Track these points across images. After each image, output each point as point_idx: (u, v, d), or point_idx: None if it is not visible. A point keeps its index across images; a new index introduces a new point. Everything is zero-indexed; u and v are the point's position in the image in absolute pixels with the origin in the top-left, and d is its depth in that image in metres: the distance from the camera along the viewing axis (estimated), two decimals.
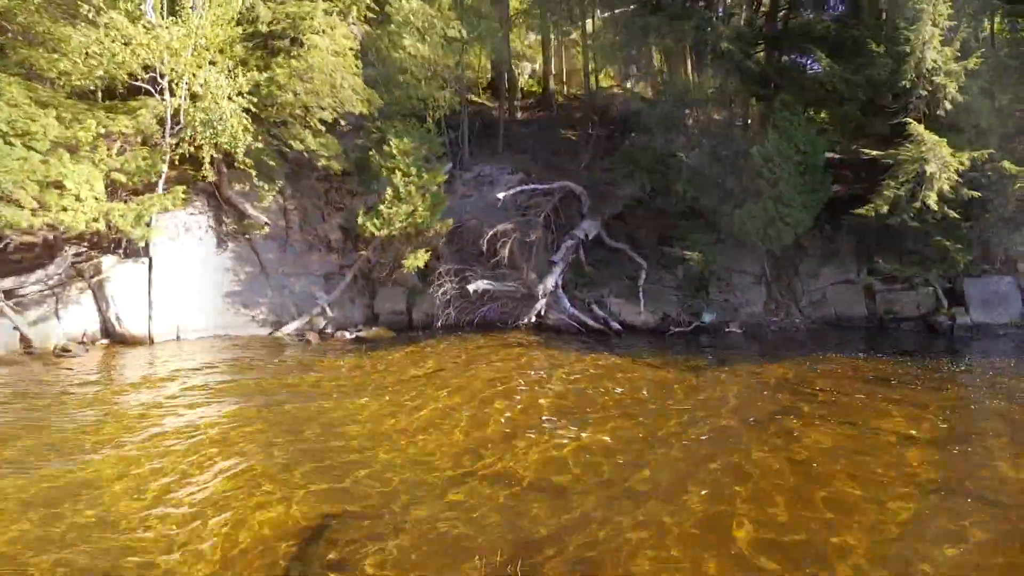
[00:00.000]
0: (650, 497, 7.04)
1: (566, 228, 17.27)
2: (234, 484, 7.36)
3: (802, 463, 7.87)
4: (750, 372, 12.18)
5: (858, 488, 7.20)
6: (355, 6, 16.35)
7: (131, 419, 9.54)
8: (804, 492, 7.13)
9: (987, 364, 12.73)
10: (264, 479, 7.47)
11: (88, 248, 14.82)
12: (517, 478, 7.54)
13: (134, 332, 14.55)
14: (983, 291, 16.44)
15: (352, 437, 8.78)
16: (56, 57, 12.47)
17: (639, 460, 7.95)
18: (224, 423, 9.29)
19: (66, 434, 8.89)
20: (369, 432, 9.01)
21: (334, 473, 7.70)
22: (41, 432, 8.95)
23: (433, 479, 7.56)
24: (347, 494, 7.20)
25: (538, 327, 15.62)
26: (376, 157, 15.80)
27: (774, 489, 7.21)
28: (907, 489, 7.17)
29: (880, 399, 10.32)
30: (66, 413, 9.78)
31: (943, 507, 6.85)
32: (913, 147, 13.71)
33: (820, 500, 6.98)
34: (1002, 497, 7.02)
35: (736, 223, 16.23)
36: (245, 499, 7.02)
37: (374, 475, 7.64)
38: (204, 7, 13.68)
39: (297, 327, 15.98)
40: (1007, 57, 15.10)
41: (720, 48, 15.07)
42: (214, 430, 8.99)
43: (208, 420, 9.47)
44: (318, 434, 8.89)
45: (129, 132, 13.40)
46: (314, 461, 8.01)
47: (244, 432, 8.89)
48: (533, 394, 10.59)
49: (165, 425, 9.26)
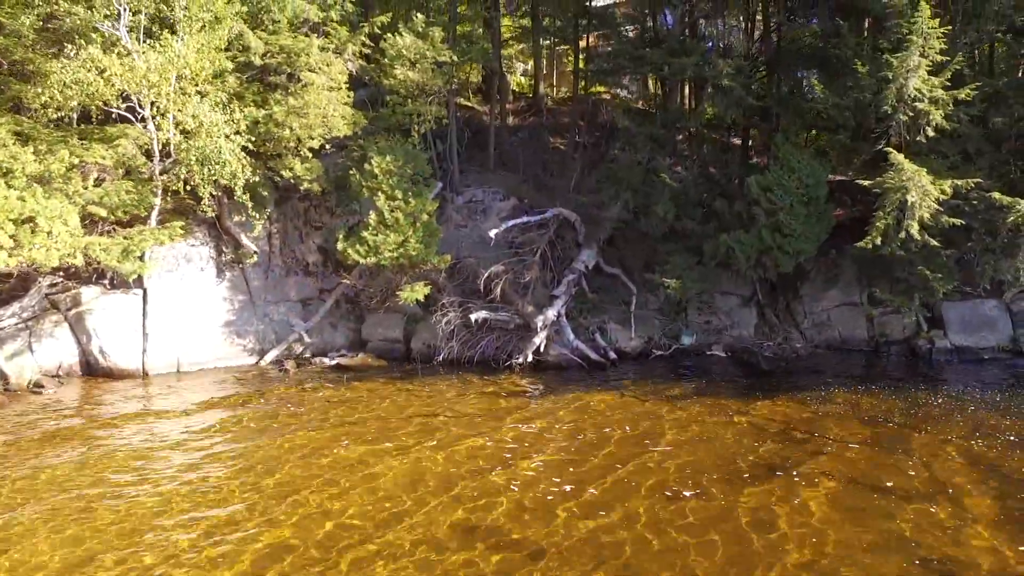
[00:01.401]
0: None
1: (563, 259, 17.06)
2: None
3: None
4: (740, 411, 12.15)
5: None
6: (350, 44, 15.99)
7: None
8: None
9: (970, 398, 12.82)
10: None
11: (64, 279, 14.41)
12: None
13: (123, 365, 14.23)
14: (963, 314, 16.54)
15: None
16: (40, 91, 12.06)
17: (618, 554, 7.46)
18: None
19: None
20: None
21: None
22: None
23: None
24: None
25: (536, 365, 15.16)
26: (357, 176, 15.44)
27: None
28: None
29: (876, 444, 10.39)
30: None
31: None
32: (895, 175, 13.67)
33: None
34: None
35: (721, 247, 16.15)
36: None
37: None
38: (186, 33, 13.18)
39: (276, 355, 15.77)
40: (1005, 87, 15.04)
41: (721, 84, 14.88)
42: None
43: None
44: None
45: (107, 163, 12.94)
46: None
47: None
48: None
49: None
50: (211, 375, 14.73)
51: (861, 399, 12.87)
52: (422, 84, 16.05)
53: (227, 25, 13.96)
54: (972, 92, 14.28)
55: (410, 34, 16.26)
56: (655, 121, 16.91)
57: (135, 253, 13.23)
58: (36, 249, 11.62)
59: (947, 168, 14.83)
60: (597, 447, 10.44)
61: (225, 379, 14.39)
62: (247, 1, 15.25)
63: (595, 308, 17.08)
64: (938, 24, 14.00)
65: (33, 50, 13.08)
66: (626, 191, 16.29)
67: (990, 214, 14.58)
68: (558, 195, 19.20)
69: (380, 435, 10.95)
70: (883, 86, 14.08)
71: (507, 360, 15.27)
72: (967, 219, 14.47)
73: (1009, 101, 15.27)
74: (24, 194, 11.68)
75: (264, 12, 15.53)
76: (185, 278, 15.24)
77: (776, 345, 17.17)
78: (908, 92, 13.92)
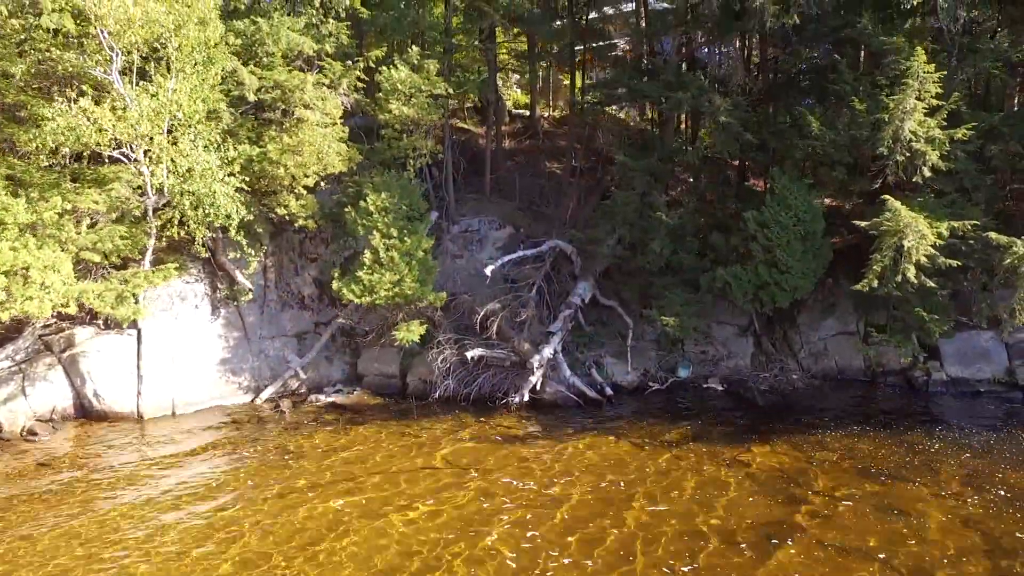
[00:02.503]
0: None
1: (559, 293, 17.01)
2: None
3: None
4: (734, 460, 12.15)
5: None
6: (344, 78, 15.88)
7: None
8: None
9: (964, 441, 12.83)
10: None
11: (58, 319, 14.33)
12: None
13: (118, 409, 14.16)
14: (960, 346, 16.56)
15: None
16: (34, 134, 11.94)
17: None
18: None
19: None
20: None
21: None
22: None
23: None
24: None
25: (533, 404, 15.09)
26: (352, 213, 15.36)
27: None
28: None
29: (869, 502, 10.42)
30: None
31: None
32: (892, 216, 13.65)
33: None
34: None
35: (718, 280, 16.13)
36: None
37: None
38: (179, 73, 13.06)
39: (272, 393, 15.73)
40: (1001, 123, 15.02)
41: (719, 121, 14.82)
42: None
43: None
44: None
45: (100, 208, 12.85)
46: None
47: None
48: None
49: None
50: (206, 416, 14.66)
51: (856, 443, 12.88)
52: (417, 119, 15.95)
53: (220, 64, 13.84)
54: (968, 132, 14.26)
55: (405, 67, 16.15)
56: (652, 153, 16.84)
57: (130, 299, 13.14)
58: (29, 301, 11.52)
59: (944, 206, 14.81)
60: (595, 511, 10.35)
61: (220, 422, 14.32)
62: (240, 34, 15.16)
63: (591, 341, 17.05)
64: (934, 69, 13.95)
65: (26, 92, 12.94)
66: (622, 226, 16.23)
67: (987, 253, 14.57)
68: (554, 222, 19.13)
69: (376, 499, 10.72)
70: (880, 127, 14.04)
71: (503, 398, 15.24)
72: (964, 258, 14.46)
73: (1005, 137, 15.25)
74: (16, 244, 11.60)
75: (258, 45, 15.42)
76: (180, 317, 15.17)
77: (772, 377, 17.16)
78: (904, 135, 13.89)
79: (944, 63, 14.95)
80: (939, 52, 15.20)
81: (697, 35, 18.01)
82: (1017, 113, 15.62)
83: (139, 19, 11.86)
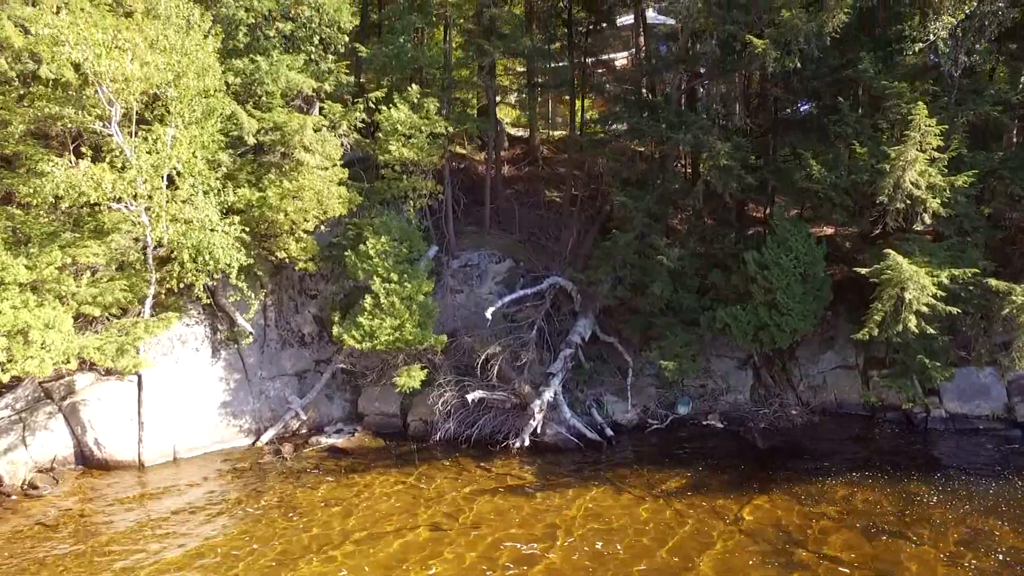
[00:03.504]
0: None
1: (559, 331, 17.02)
2: None
3: None
4: (736, 516, 12.19)
5: None
6: (345, 120, 15.80)
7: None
8: None
9: (964, 491, 12.88)
10: None
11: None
12: None
13: (119, 457, 14.16)
14: (959, 383, 16.54)
15: None
16: (35, 186, 11.87)
17: None
18: None
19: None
20: None
21: None
22: None
23: None
24: None
25: (534, 447, 15.07)
26: (352, 257, 15.34)
27: None
28: None
29: (864, 568, 10.49)
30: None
31: None
32: (893, 267, 13.67)
33: None
34: None
35: (718, 321, 16.15)
36: None
37: None
38: (177, 122, 12.99)
39: (273, 435, 15.74)
40: (1000, 165, 15.04)
41: (720, 164, 14.81)
42: None
43: None
44: None
45: (100, 261, 12.82)
46: None
47: None
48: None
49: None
50: (208, 463, 14.67)
51: (855, 494, 12.93)
52: (417, 160, 15.92)
53: (219, 114, 13.78)
54: (970, 178, 14.29)
55: (405, 106, 16.08)
56: (652, 190, 16.81)
57: (131, 351, 13.12)
58: (30, 360, 11.51)
59: (943, 249, 14.85)
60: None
61: (221, 470, 14.32)
62: (240, 73, 15.08)
63: (591, 379, 17.08)
64: (935, 116, 13.95)
65: (25, 142, 12.86)
66: (622, 268, 16.24)
67: (986, 299, 14.63)
68: (555, 256, 19.12)
69: (378, 563, 10.78)
70: (881, 176, 14.05)
71: (503, 441, 15.28)
72: (963, 304, 14.51)
73: (1006, 180, 15.28)
74: (16, 303, 11.57)
75: (257, 84, 15.34)
76: (180, 360, 15.16)
77: (772, 414, 17.17)
78: (905, 184, 13.91)
79: (944, 106, 14.99)
80: (939, 96, 15.22)
81: (699, 70, 17.95)
82: (1016, 154, 15.60)
83: (137, 76, 11.78)
